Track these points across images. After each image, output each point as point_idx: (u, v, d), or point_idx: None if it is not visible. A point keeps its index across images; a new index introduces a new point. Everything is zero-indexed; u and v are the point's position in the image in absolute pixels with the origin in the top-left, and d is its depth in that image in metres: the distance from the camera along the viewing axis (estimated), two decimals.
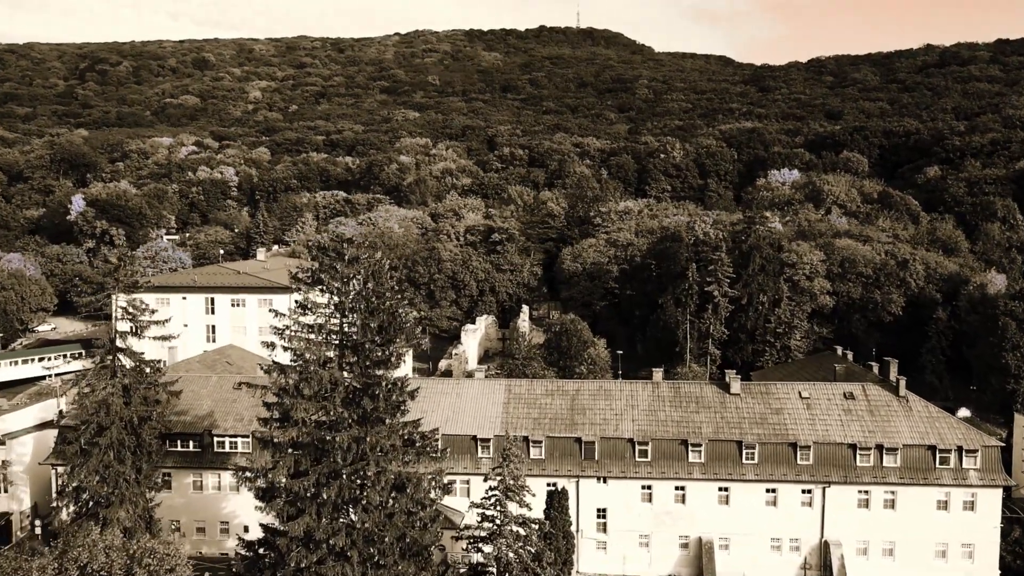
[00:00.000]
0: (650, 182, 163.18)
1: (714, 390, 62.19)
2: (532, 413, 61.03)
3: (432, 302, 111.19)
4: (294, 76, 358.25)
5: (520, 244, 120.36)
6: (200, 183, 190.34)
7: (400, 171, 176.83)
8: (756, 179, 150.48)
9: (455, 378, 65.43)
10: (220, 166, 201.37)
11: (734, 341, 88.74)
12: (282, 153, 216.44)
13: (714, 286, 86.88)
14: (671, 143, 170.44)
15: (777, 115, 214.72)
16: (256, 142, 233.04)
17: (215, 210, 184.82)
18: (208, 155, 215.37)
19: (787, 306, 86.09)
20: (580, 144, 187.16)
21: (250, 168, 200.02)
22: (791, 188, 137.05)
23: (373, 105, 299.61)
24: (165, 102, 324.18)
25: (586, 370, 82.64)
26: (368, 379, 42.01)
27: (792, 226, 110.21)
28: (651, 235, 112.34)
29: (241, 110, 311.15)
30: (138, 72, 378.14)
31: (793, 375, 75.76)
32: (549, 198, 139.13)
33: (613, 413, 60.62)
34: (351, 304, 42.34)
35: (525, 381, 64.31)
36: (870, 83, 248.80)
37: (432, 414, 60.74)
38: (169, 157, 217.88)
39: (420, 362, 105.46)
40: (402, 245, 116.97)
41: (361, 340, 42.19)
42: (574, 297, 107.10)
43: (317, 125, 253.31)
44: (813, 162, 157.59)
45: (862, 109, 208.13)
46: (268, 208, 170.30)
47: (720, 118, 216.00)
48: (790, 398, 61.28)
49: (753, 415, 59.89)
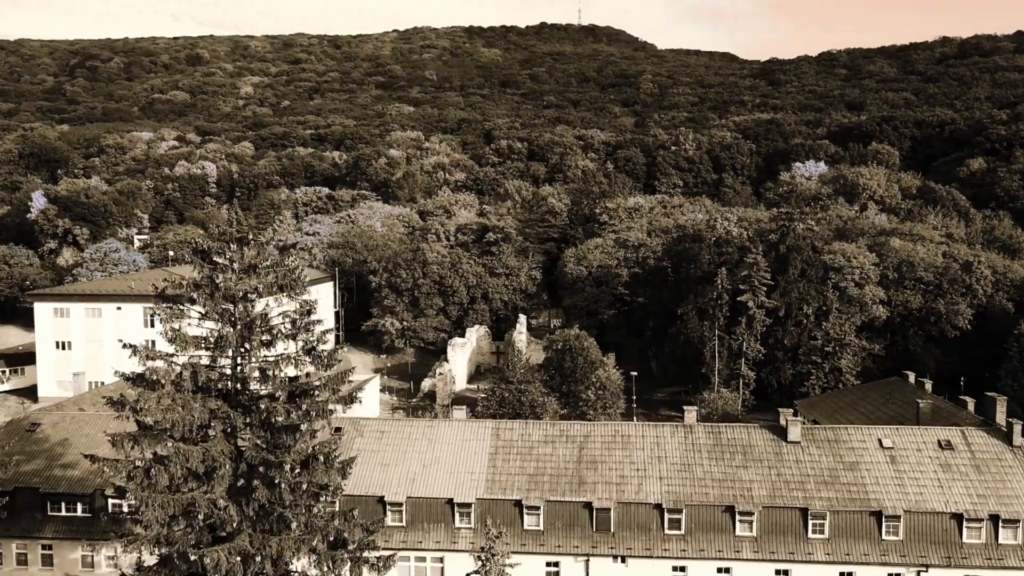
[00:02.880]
0: (660, 177, 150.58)
1: (766, 436, 46.80)
2: (527, 467, 45.78)
3: (416, 311, 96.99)
4: (288, 72, 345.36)
5: (517, 245, 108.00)
6: (177, 179, 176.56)
7: (389, 165, 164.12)
8: (777, 173, 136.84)
9: (428, 419, 50.15)
10: (200, 161, 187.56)
11: (770, 360, 73.82)
12: (267, 148, 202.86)
13: (748, 295, 71.60)
14: (683, 134, 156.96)
15: (793, 106, 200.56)
16: (241, 136, 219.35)
17: (192, 208, 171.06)
18: (188, 150, 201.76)
19: (836, 319, 70.73)
20: (583, 137, 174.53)
21: (231, 163, 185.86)
22: (818, 182, 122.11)
23: (367, 100, 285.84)
24: (153, 97, 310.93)
25: (594, 396, 67.95)
26: (269, 453, 26.31)
27: (826, 224, 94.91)
28: (666, 234, 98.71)
29: (231, 106, 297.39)
30: (129, 68, 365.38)
31: (851, 407, 60.35)
32: (550, 193, 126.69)
33: (634, 468, 45.37)
34: (243, 338, 26.58)
35: (518, 424, 48.83)
36: (888, 75, 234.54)
37: (396, 469, 45.62)
38: (147, 152, 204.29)
39: (400, 380, 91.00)
40: (383, 246, 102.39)
41: (257, 393, 26.53)
42: (578, 305, 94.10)
43: (307, 119, 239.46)
44: (839, 155, 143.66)
45: (885, 100, 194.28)
46: (244, 205, 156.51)
47: (732, 110, 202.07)
48: (867, 447, 45.89)
49: (820, 471, 44.61)
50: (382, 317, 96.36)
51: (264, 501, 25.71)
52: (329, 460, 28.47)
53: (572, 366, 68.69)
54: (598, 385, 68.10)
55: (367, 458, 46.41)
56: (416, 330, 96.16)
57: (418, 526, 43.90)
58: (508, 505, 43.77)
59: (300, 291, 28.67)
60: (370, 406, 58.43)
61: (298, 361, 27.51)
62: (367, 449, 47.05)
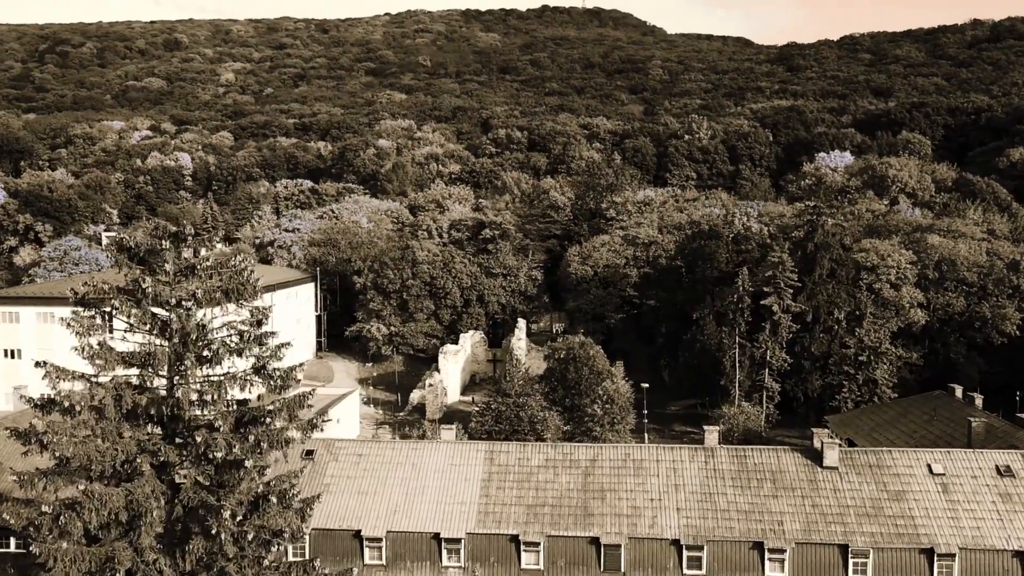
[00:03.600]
0: (672, 168, 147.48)
1: (799, 461, 43.54)
2: (525, 496, 42.53)
3: (404, 315, 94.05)
4: (272, 58, 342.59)
5: (516, 242, 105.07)
6: (149, 172, 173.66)
7: (378, 157, 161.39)
8: (799, 164, 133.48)
9: (412, 442, 46.76)
10: (174, 152, 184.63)
11: (796, 370, 70.50)
12: (247, 138, 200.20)
13: (772, 298, 68.23)
14: (697, 122, 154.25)
15: (815, 93, 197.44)
16: (219, 126, 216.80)
17: (165, 203, 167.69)
18: (163, 140, 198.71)
19: (871, 324, 67.35)
20: (588, 125, 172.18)
21: (208, 154, 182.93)
22: (845, 174, 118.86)
23: (356, 87, 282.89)
24: (127, 85, 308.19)
25: (601, 410, 64.05)
26: (210, 494, 22.86)
27: (855, 219, 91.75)
28: (679, 231, 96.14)
29: (211, 93, 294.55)
30: (103, 54, 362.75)
31: (890, 425, 56.93)
32: (552, 186, 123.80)
33: (647, 497, 42.07)
34: (178, 354, 23.09)
35: (515, 446, 45.43)
36: (916, 59, 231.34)
37: (375, 499, 42.39)
38: (118, 143, 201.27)
39: (387, 391, 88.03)
40: (368, 244, 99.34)
41: (196, 421, 23.08)
42: (583, 308, 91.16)
43: (291, 108, 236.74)
44: (866, 144, 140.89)
45: (915, 86, 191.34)
46: (220, 199, 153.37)
47: (749, 97, 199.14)
48: (914, 474, 42.56)
49: (861, 502, 41.36)
50: (367, 322, 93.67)
51: (202, 553, 22.22)
52: (285, 500, 25.07)
53: (576, 377, 65.08)
54: (605, 398, 64.42)
55: (342, 486, 43.21)
56: (405, 336, 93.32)
57: (400, 564, 40.70)
58: (503, 541, 40.61)
59: (251, 297, 25.21)
60: (349, 424, 55.14)
61: (246, 381, 23.99)
62: (342, 475, 43.92)
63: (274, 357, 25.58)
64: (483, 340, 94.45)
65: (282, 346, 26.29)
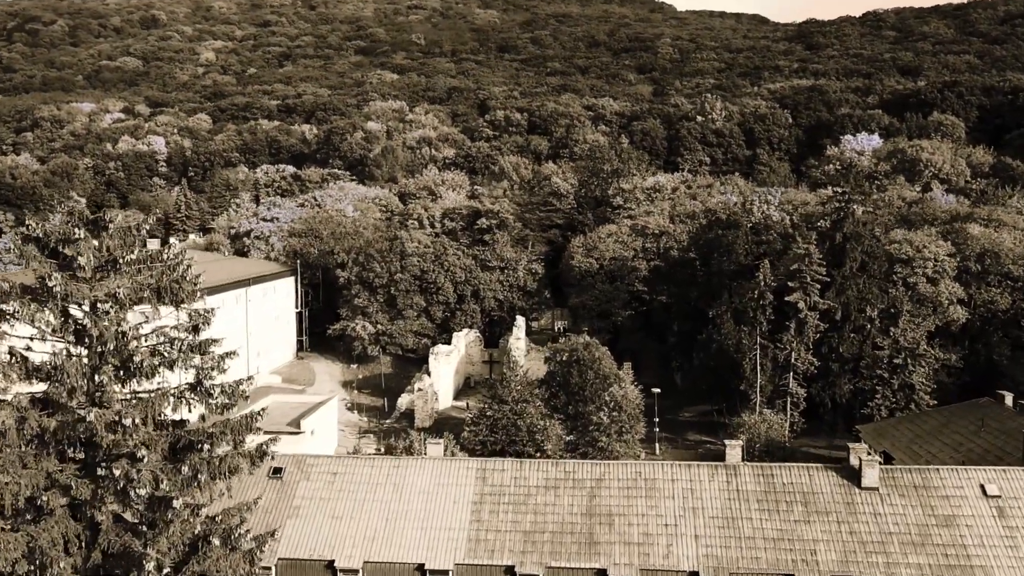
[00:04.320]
0: (683, 152, 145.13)
1: (834, 480, 40.56)
2: (522, 522, 39.66)
3: (392, 312, 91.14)
4: (255, 36, 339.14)
5: (515, 232, 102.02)
6: (120, 157, 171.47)
7: (366, 140, 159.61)
8: (822, 148, 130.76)
9: (393, 458, 43.66)
10: (148, 136, 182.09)
11: (823, 374, 67.48)
12: (226, 121, 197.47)
13: (797, 294, 65.18)
14: (710, 102, 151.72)
15: (837, 72, 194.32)
16: (197, 108, 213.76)
17: (137, 190, 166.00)
18: (136, 123, 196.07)
19: (908, 323, 64.28)
20: (593, 106, 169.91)
21: (184, 138, 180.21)
22: (873, 158, 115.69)
23: (345, 67, 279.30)
24: (100, 65, 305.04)
25: (607, 419, 60.94)
26: (135, 536, 19.66)
27: (886, 207, 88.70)
28: (692, 220, 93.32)
29: (189, 74, 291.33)
30: (75, 32, 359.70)
31: (932, 436, 53.81)
32: (554, 172, 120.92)
33: (661, 523, 39.16)
34: (94, 367, 19.86)
35: (510, 464, 42.36)
36: (945, 36, 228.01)
37: (352, 524, 39.47)
38: (88, 126, 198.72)
39: (373, 396, 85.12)
40: (353, 234, 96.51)
41: (116, 450, 19.90)
42: (587, 304, 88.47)
43: (274, 89, 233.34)
44: (894, 126, 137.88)
45: (945, 64, 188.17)
46: (196, 186, 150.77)
47: (766, 76, 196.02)
48: (966, 496, 39.51)
49: (906, 528, 38.42)
50: (352, 319, 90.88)
51: None
52: (231, 540, 21.88)
53: (580, 382, 62.27)
54: (612, 405, 61.43)
55: (314, 509, 40.28)
56: (393, 335, 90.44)
57: None
58: (497, 573, 37.71)
59: (189, 297, 21.92)
60: (326, 436, 52.04)
61: (180, 399, 20.77)
62: (314, 496, 41.02)
63: (216, 369, 22.36)
64: (478, 339, 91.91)
65: (227, 356, 23.06)
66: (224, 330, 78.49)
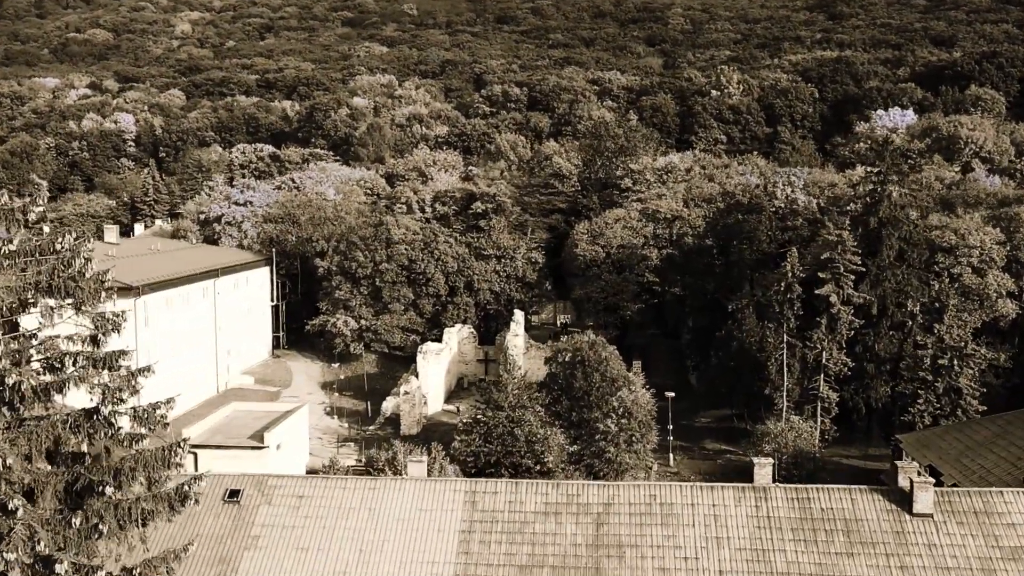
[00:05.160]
0: (697, 130, 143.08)
1: (881, 505, 37.32)
2: (518, 554, 36.50)
3: (378, 305, 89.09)
4: (235, 7, 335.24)
5: (513, 217, 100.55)
6: (85, 136, 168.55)
7: (352, 117, 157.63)
8: (849, 124, 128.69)
9: (370, 479, 40.32)
10: (116, 113, 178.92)
11: (857, 375, 64.61)
12: (201, 97, 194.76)
13: (829, 286, 61.90)
14: (727, 75, 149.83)
15: (864, 43, 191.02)
16: (170, 83, 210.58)
17: (103, 172, 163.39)
18: (103, 99, 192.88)
19: (954, 319, 60.90)
20: (599, 80, 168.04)
21: (155, 116, 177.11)
22: (906, 135, 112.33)
23: (331, 40, 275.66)
24: (68, 37, 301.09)
25: (615, 426, 58.22)
26: None
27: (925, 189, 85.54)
28: (709, 204, 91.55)
29: (163, 47, 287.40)
30: (41, 3, 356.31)
31: (984, 448, 50.33)
32: (556, 151, 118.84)
33: (680, 555, 36.04)
34: None
35: (504, 485, 38.99)
36: (980, 4, 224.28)
37: (320, 557, 36.26)
38: (52, 103, 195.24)
39: (356, 399, 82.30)
40: (334, 219, 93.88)
41: None
42: (592, 297, 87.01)
43: (254, 63, 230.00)
44: (928, 100, 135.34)
45: (982, 34, 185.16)
46: (166, 168, 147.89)
47: (786, 47, 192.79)
48: None
49: (967, 563, 35.26)
50: (333, 314, 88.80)
51: None
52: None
53: (585, 386, 59.79)
54: (621, 412, 58.69)
55: (275, 540, 36.97)
56: (378, 331, 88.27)
57: None
58: None
59: (91, 298, 18.27)
60: (294, 451, 48.63)
61: (76, 429, 17.12)
62: (277, 524, 37.70)
63: (128, 389, 18.77)
64: (472, 336, 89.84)
65: (139, 373, 19.41)
66: (189, 327, 76.60)
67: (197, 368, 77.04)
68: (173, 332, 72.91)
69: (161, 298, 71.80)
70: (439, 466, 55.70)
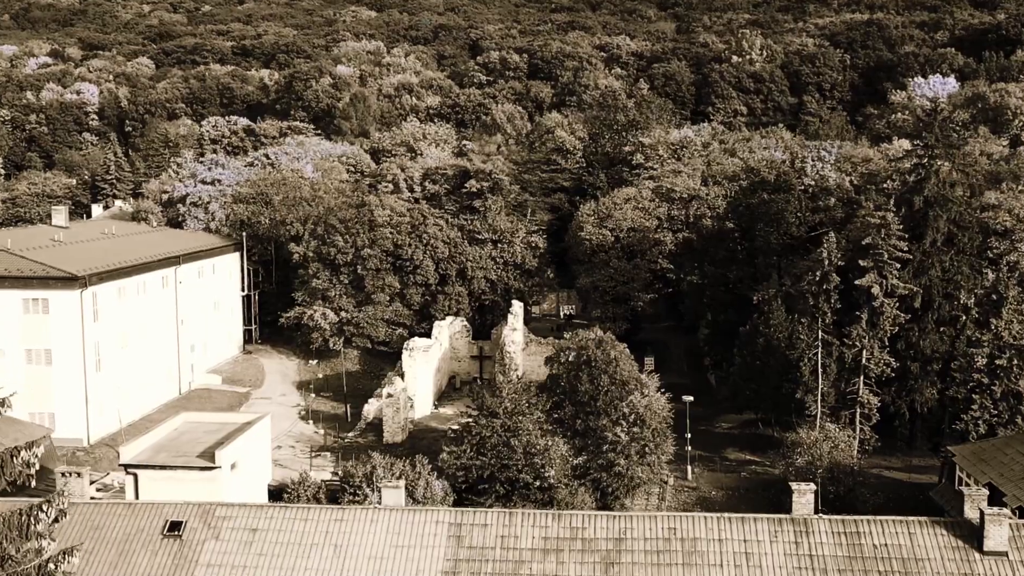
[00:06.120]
0: (715, 100, 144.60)
1: (944, 541, 34.34)
2: None
3: (360, 295, 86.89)
4: None
5: (511, 197, 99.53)
6: (44, 108, 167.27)
7: (335, 87, 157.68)
8: (883, 93, 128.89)
9: (336, 508, 36.68)
10: (78, 84, 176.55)
11: (899, 376, 61.30)
12: (171, 65, 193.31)
13: (871, 276, 58.19)
14: (748, 40, 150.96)
15: (897, 5, 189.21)
16: (138, 51, 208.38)
17: (64, 147, 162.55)
18: (65, 68, 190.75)
19: (1013, 313, 57.20)
20: (606, 46, 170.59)
21: (120, 86, 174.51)
22: (948, 104, 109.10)
23: (314, 4, 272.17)
24: (30, 2, 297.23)
25: (626, 436, 55.37)
26: None
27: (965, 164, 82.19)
28: (731, 181, 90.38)
29: (133, 12, 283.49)
30: None
31: None
32: (558, 124, 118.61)
33: None
34: None
35: (496, 516, 35.50)
36: None
37: None
38: (9, 72, 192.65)
39: (335, 401, 79.78)
40: (311, 200, 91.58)
41: None
42: (599, 286, 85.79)
43: (230, 28, 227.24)
44: (970, 67, 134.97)
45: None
46: (132, 143, 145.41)
47: (812, 10, 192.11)
48: None
49: None
50: (310, 305, 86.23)
51: None
52: None
53: (591, 389, 56.81)
54: (632, 419, 55.90)
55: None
56: (360, 324, 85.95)
57: None
58: None
59: None
60: (253, 471, 44.68)
61: None
62: (224, 564, 34.57)
63: None
64: (465, 330, 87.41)
65: None
66: (146, 321, 72.96)
67: (155, 368, 73.76)
68: (127, 327, 69.51)
69: (113, 288, 68.30)
70: (424, 482, 52.54)
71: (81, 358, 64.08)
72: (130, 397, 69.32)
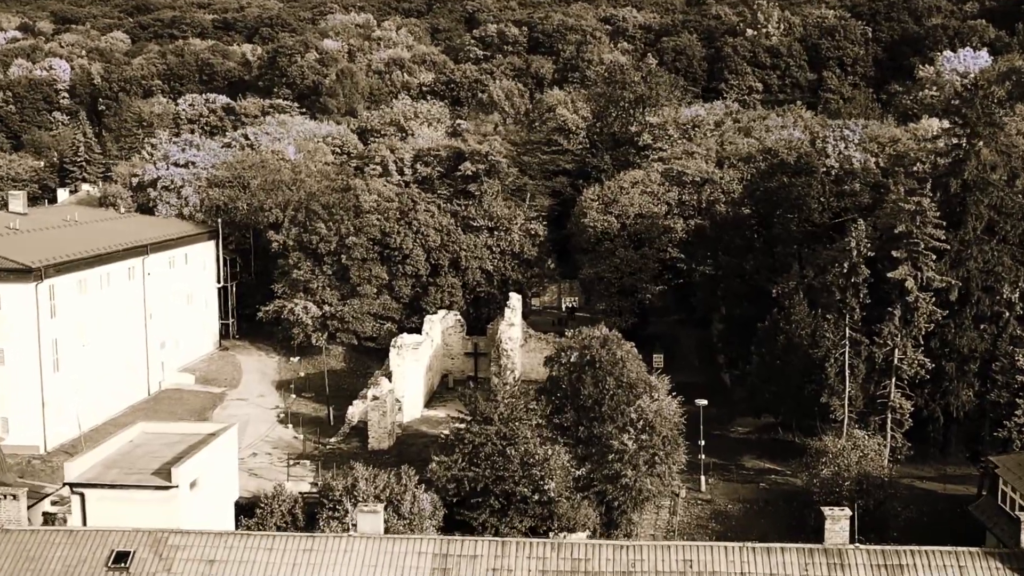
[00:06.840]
0: (728, 76, 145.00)
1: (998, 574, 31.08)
2: None
3: (345, 287, 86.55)
4: None
5: (509, 181, 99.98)
6: (12, 86, 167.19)
7: (322, 63, 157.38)
8: (909, 68, 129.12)
9: (304, 536, 34.13)
10: (48, 59, 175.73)
11: (934, 378, 60.25)
12: (148, 40, 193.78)
13: (905, 267, 56.16)
14: (764, 11, 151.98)
15: None
16: (114, 24, 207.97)
17: (33, 128, 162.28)
18: (34, 43, 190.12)
19: None
20: (611, 18, 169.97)
21: (93, 62, 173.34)
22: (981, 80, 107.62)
23: None
24: None
25: (633, 444, 54.28)
26: None
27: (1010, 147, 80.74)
28: (747, 163, 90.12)
29: None
30: None
31: None
32: (560, 101, 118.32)
33: None
34: None
35: (487, 546, 33.41)
36: None
37: None
38: None
39: (317, 402, 79.02)
40: (291, 184, 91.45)
41: None
42: (604, 277, 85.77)
43: (211, 1, 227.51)
44: (1002, 40, 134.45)
45: None
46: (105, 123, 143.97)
47: None
48: None
49: None
50: (291, 298, 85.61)
51: None
52: None
53: (595, 393, 55.69)
54: (641, 425, 54.89)
55: None
56: (345, 318, 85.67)
57: None
58: None
59: None
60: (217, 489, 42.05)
61: None
62: None
63: None
64: (459, 324, 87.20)
65: None
66: (111, 316, 70.60)
67: (121, 367, 72.09)
68: (88, 323, 67.75)
69: (72, 281, 66.48)
70: (412, 496, 50.75)
71: (36, 357, 62.61)
72: (92, 399, 67.66)
